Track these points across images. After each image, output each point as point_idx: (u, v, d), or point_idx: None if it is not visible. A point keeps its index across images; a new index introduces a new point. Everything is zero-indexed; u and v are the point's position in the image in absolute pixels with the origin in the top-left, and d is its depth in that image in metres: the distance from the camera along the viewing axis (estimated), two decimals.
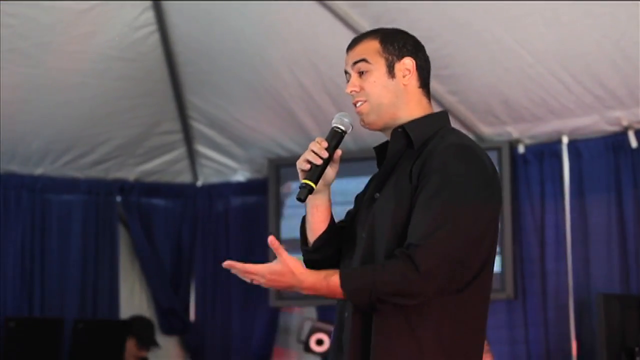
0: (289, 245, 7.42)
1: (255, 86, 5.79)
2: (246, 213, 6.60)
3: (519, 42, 4.89)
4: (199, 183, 6.76)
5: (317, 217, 2.41)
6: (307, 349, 5.86)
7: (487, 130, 5.65)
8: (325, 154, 2.33)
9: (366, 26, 5.09)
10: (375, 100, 2.35)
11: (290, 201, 6.14)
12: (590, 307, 5.21)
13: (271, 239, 2.17)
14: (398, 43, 2.37)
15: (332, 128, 2.38)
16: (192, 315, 6.66)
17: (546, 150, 5.57)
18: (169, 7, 5.38)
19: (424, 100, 2.39)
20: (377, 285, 2.13)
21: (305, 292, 2.19)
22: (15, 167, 6.10)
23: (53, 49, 5.32)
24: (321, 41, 5.35)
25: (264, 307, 6.31)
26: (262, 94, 5.83)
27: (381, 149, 2.43)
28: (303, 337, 5.93)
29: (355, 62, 2.37)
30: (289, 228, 6.08)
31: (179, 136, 6.38)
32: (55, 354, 5.81)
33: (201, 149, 6.50)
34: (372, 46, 2.37)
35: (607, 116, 5.26)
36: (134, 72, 5.71)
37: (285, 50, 5.48)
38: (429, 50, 2.46)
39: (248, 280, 2.21)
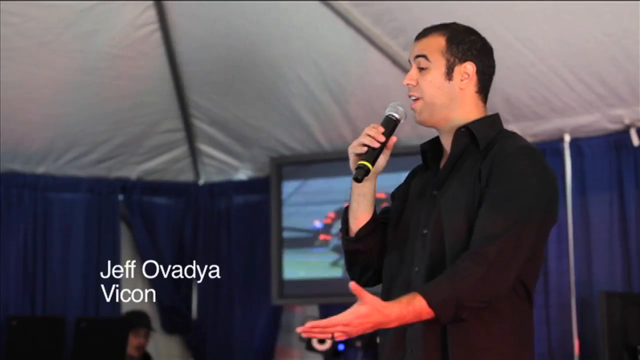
0: (290, 244, 7.34)
1: (257, 84, 5.79)
2: (248, 211, 6.60)
3: (520, 40, 4.89)
4: (201, 181, 6.76)
5: (363, 205, 2.40)
6: (310, 347, 5.86)
7: None
8: (382, 138, 2.32)
9: (368, 24, 5.08)
10: (429, 99, 2.36)
11: (292, 200, 6.13)
12: (593, 305, 5.21)
13: (353, 285, 2.10)
14: (464, 45, 2.39)
15: (387, 116, 2.37)
16: (194, 314, 6.66)
17: (548, 149, 5.55)
18: (170, 6, 5.37)
19: (480, 104, 2.43)
20: (459, 294, 2.12)
21: (391, 326, 2.13)
22: (17, 166, 6.11)
23: (54, 47, 5.32)
24: (323, 39, 5.34)
25: (266, 305, 6.30)
26: (264, 92, 5.83)
27: (429, 147, 2.44)
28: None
29: (417, 56, 2.38)
30: (290, 227, 6.10)
31: (181, 134, 6.38)
32: (57, 352, 5.80)
33: (203, 147, 6.50)
34: (437, 43, 2.37)
35: (609, 114, 5.25)
36: (136, 70, 5.71)
37: (287, 48, 5.48)
38: None
39: (326, 338, 2.12)
